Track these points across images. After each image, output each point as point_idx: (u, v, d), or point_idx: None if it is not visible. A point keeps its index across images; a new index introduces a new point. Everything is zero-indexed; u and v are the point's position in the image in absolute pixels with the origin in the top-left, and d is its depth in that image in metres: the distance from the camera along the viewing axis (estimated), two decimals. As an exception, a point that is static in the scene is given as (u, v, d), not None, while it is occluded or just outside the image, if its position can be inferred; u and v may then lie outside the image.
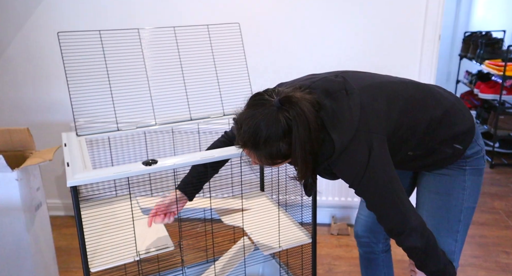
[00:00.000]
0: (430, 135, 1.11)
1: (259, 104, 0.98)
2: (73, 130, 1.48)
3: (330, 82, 1.07)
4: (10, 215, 1.42)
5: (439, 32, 2.06)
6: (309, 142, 0.97)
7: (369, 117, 1.04)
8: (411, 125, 1.09)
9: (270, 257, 1.75)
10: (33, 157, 1.48)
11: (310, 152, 0.99)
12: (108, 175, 1.11)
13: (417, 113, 1.10)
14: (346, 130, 1.01)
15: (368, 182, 1.02)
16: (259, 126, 0.96)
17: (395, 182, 1.03)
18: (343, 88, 1.05)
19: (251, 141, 0.97)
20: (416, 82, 1.17)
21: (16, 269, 1.48)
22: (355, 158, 1.02)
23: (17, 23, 2.15)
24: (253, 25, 2.11)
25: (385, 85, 1.12)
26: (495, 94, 3.23)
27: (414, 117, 1.09)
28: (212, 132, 2.13)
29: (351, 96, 1.04)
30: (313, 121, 0.97)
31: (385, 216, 1.06)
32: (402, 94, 1.11)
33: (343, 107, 1.03)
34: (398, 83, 1.14)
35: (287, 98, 0.96)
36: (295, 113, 0.95)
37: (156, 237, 1.33)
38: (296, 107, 0.95)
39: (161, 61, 2.06)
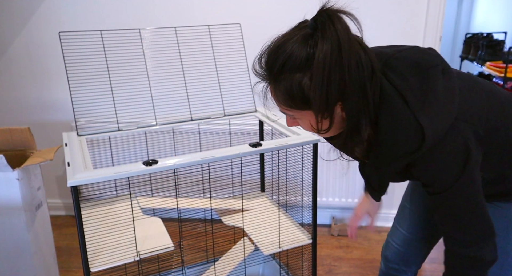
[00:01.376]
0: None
1: (297, 26, 0.81)
2: (74, 130, 1.48)
3: (423, 53, 0.82)
4: (10, 214, 1.42)
5: (440, 33, 2.06)
6: (340, 72, 0.72)
7: (469, 106, 0.82)
8: (502, 136, 0.87)
9: (270, 257, 1.75)
10: (34, 156, 1.49)
11: (339, 91, 0.73)
12: (108, 175, 1.11)
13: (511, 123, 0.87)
14: (443, 117, 0.77)
15: (462, 188, 0.81)
16: (282, 45, 0.78)
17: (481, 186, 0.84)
18: (439, 64, 0.81)
19: (270, 63, 0.80)
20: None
21: (16, 268, 1.48)
22: (452, 154, 0.79)
23: (19, 23, 2.16)
24: (254, 26, 2.11)
25: (481, 81, 0.91)
26: (496, 96, 3.23)
27: (507, 127, 0.87)
28: (212, 132, 2.13)
29: (448, 76, 0.81)
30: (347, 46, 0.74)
31: (468, 225, 0.85)
32: (500, 95, 0.89)
33: (437, 87, 0.78)
34: (494, 85, 0.94)
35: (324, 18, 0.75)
36: (327, 34, 0.74)
37: (156, 237, 1.33)
38: (330, 28, 0.74)
39: (162, 62, 2.06)
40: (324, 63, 0.72)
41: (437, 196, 0.84)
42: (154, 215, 1.70)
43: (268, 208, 1.60)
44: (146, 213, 1.58)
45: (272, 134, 1.70)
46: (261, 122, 1.74)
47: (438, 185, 0.82)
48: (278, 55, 0.78)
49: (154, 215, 1.70)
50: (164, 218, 1.49)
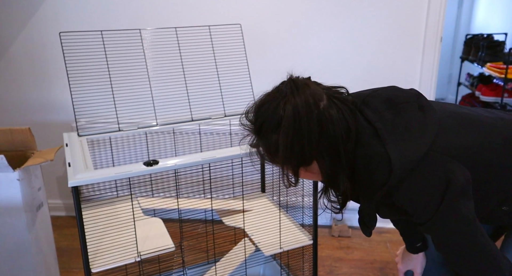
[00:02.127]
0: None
1: (276, 87, 0.87)
2: (74, 131, 1.48)
3: (398, 91, 0.86)
4: (11, 215, 1.42)
5: (441, 34, 2.06)
6: (297, 140, 0.78)
7: (450, 140, 0.81)
8: (510, 172, 0.84)
9: (271, 258, 1.75)
10: (34, 157, 1.48)
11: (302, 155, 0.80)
12: (109, 175, 1.11)
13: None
14: (413, 149, 0.78)
15: (444, 219, 0.79)
16: (261, 107, 0.84)
17: (477, 220, 0.81)
18: (415, 101, 0.84)
19: (252, 122, 0.85)
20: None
21: (17, 269, 1.48)
22: (427, 186, 0.79)
23: (20, 23, 2.16)
24: (255, 26, 2.11)
25: (478, 118, 0.88)
26: (497, 97, 3.23)
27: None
28: (213, 133, 2.13)
29: (426, 113, 0.82)
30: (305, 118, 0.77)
31: (468, 261, 0.82)
32: (500, 130, 0.86)
33: (410, 120, 0.81)
34: (494, 118, 0.89)
35: (293, 84, 0.82)
36: (294, 101, 0.79)
37: (157, 238, 1.33)
38: (297, 96, 0.79)
39: (162, 62, 2.06)
40: (287, 131, 0.78)
41: (422, 227, 0.83)
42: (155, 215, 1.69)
43: (268, 208, 1.60)
44: (147, 213, 1.58)
45: (273, 135, 1.69)
46: (261, 123, 1.74)
47: (418, 215, 0.82)
48: (258, 117, 0.84)
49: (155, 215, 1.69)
50: (164, 219, 1.49)
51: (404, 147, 0.79)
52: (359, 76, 2.15)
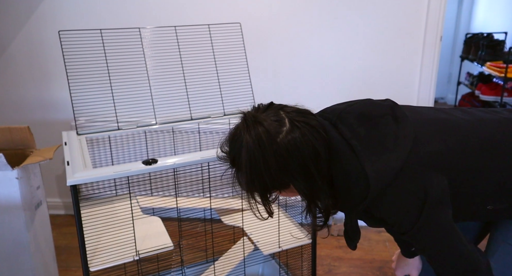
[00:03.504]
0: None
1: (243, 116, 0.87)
2: (73, 129, 1.48)
3: (372, 105, 0.87)
4: (10, 213, 1.42)
5: (441, 33, 2.06)
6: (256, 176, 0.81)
7: (426, 148, 0.82)
8: (490, 173, 0.86)
9: (269, 257, 1.75)
10: (33, 155, 1.48)
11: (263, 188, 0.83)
12: (108, 174, 1.11)
13: (498, 157, 0.86)
14: (389, 163, 0.80)
15: (424, 229, 0.81)
16: (231, 143, 0.86)
17: (455, 226, 0.84)
18: (389, 113, 0.85)
19: (227, 156, 0.89)
20: (498, 118, 0.91)
21: (15, 267, 1.48)
22: (405, 198, 0.81)
23: (19, 22, 2.16)
24: (255, 25, 2.11)
25: (455, 122, 0.88)
26: (496, 96, 3.23)
27: (493, 163, 0.86)
28: (212, 132, 2.13)
29: (401, 124, 0.83)
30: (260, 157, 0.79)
31: (448, 264, 0.85)
32: (477, 133, 0.87)
33: (386, 135, 0.82)
34: (472, 121, 0.89)
35: (245, 123, 0.83)
36: (246, 136, 0.81)
37: (156, 237, 1.33)
38: (248, 135, 0.80)
39: (162, 61, 2.06)
40: (245, 170, 0.82)
41: (403, 236, 0.85)
42: (154, 214, 1.69)
43: (267, 207, 1.60)
44: (146, 212, 1.58)
45: (272, 134, 1.69)
46: (261, 122, 1.73)
47: (398, 227, 0.84)
48: (230, 151, 0.86)
49: (154, 214, 1.69)
50: (163, 218, 1.49)
51: (380, 162, 0.80)
52: (358, 76, 2.14)
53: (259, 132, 0.80)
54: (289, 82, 2.18)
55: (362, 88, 2.16)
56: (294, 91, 2.18)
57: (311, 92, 2.18)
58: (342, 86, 2.16)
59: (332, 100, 2.18)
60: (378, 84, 2.15)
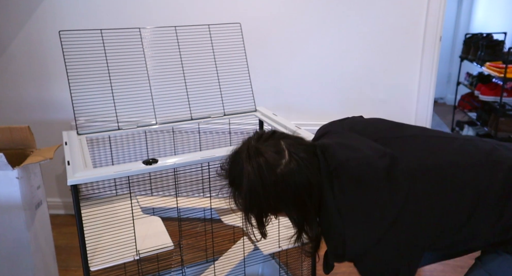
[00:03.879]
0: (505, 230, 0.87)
1: (245, 141, 0.92)
2: (74, 129, 1.48)
3: (368, 167, 0.85)
4: (10, 213, 1.42)
5: (440, 33, 2.06)
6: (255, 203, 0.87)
7: (414, 219, 0.83)
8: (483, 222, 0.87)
9: (269, 257, 1.75)
10: (33, 155, 1.48)
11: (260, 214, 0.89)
12: (108, 174, 1.11)
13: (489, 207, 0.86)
14: (369, 232, 0.83)
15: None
16: (231, 166, 0.92)
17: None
18: (383, 177, 0.83)
19: (227, 176, 0.94)
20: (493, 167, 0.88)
21: (15, 267, 1.48)
22: (377, 266, 0.85)
23: (19, 22, 2.16)
24: (255, 25, 2.11)
25: (452, 170, 0.87)
26: (496, 96, 3.23)
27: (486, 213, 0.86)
28: (212, 132, 2.13)
29: (394, 184, 0.83)
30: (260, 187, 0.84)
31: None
32: (473, 185, 0.86)
33: (375, 203, 0.83)
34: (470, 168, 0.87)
35: (247, 153, 0.86)
36: (247, 167, 0.85)
37: (156, 236, 1.33)
38: (249, 163, 0.85)
39: (162, 61, 2.06)
40: (245, 197, 0.87)
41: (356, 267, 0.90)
42: (154, 214, 1.70)
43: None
44: (146, 212, 1.58)
45: (272, 134, 1.70)
46: (261, 122, 1.74)
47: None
48: (229, 173, 0.92)
49: (154, 214, 1.70)
50: (163, 217, 1.49)
51: (361, 231, 0.84)
52: (358, 76, 2.15)
53: (260, 164, 0.85)
54: (289, 82, 2.18)
55: (362, 88, 2.16)
56: (294, 91, 2.19)
57: (311, 92, 2.18)
58: (342, 86, 2.17)
59: (332, 100, 2.18)
60: (378, 84, 2.15)
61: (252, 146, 0.87)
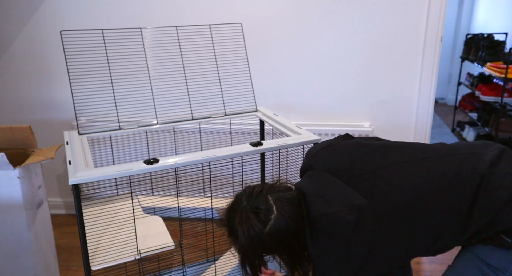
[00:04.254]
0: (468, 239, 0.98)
1: (237, 200, 1.03)
2: (75, 129, 1.49)
3: (338, 224, 0.94)
4: (11, 212, 1.42)
5: (441, 34, 2.06)
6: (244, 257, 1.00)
7: (383, 253, 0.96)
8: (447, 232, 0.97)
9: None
10: (35, 155, 1.49)
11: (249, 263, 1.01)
12: (109, 173, 1.11)
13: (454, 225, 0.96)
14: (342, 272, 0.96)
15: None
16: (228, 222, 1.02)
17: None
18: (352, 230, 0.93)
19: (227, 230, 1.04)
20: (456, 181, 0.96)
21: (16, 267, 1.48)
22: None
23: (20, 22, 2.16)
24: (255, 26, 2.11)
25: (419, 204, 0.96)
26: (497, 96, 3.23)
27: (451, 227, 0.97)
28: (213, 132, 2.13)
29: (362, 232, 0.93)
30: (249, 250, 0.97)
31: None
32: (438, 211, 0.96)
33: (345, 248, 0.94)
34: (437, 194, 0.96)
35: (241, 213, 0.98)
36: (240, 229, 0.97)
37: (157, 236, 1.33)
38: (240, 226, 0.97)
39: (163, 61, 2.07)
40: (239, 250, 1.00)
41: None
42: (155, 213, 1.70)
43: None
44: (147, 211, 1.59)
45: (273, 133, 1.70)
46: (261, 122, 1.74)
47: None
48: (228, 229, 1.03)
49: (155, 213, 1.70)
50: (164, 217, 1.49)
51: (337, 271, 0.97)
52: (359, 76, 2.15)
53: (251, 226, 0.96)
54: (289, 82, 2.18)
55: (363, 89, 2.16)
56: (295, 91, 2.19)
57: (312, 92, 2.18)
58: (343, 86, 2.17)
59: (333, 100, 2.18)
60: (378, 84, 2.15)
61: (244, 208, 0.98)
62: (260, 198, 0.99)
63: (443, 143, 1.09)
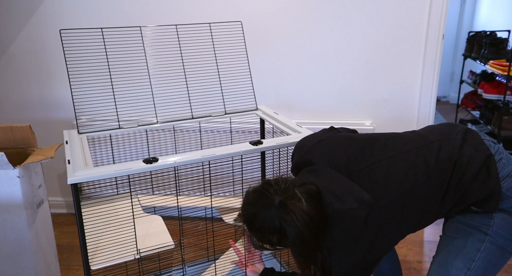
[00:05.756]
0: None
1: (263, 196, 1.01)
2: (74, 128, 1.48)
3: (350, 221, 1.01)
4: (11, 212, 1.42)
5: (443, 31, 2.05)
6: (302, 245, 0.99)
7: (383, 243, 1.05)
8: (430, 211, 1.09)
9: (271, 256, 1.75)
10: (35, 154, 1.49)
11: (305, 251, 1.01)
12: (109, 173, 1.11)
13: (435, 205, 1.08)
14: (351, 259, 1.03)
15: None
16: (255, 216, 1.01)
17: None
18: (361, 225, 1.00)
19: (247, 222, 1.03)
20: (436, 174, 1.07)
21: (17, 266, 1.48)
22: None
23: (20, 21, 2.16)
24: (256, 24, 2.10)
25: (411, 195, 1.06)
26: (499, 94, 3.21)
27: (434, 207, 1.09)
28: (213, 130, 2.13)
29: (369, 226, 1.01)
30: (306, 230, 0.98)
31: None
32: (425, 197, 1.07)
33: (354, 241, 1.02)
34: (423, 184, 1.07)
35: (285, 205, 0.98)
36: (288, 219, 0.97)
37: (157, 235, 1.33)
38: (289, 215, 0.97)
39: (163, 59, 2.06)
40: (293, 244, 1.00)
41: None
42: (155, 213, 1.70)
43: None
44: (147, 211, 1.58)
45: (273, 132, 1.70)
46: (262, 121, 1.74)
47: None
48: (253, 223, 1.02)
49: (155, 213, 1.70)
50: (164, 216, 1.49)
51: (344, 259, 1.03)
52: (360, 74, 2.14)
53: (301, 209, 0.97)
54: (290, 80, 2.17)
55: (364, 87, 2.15)
56: (295, 89, 2.18)
57: (313, 91, 2.18)
58: (344, 84, 2.16)
59: (333, 98, 2.17)
60: (380, 82, 2.14)
61: (284, 200, 0.98)
62: (289, 191, 1.00)
63: (415, 131, 1.18)
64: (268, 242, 1.03)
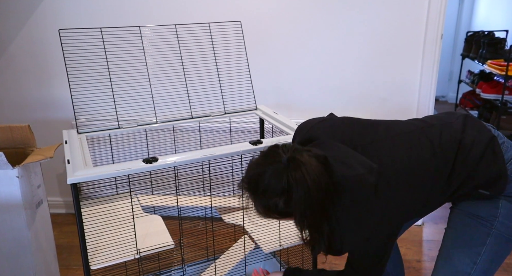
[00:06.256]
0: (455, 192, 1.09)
1: (270, 155, 0.97)
2: (74, 128, 1.48)
3: (360, 186, 0.99)
4: (10, 212, 1.42)
5: (441, 31, 2.05)
6: (309, 208, 0.94)
7: (393, 216, 1.03)
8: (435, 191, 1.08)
9: (270, 255, 1.75)
10: (34, 154, 1.48)
11: (311, 219, 0.97)
12: (108, 172, 1.11)
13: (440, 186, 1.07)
14: (359, 234, 1.01)
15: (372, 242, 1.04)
16: (262, 175, 0.95)
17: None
18: (372, 193, 0.99)
19: (252, 185, 0.98)
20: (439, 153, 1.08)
21: (16, 266, 1.48)
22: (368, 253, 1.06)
23: (19, 21, 2.15)
24: (255, 24, 2.10)
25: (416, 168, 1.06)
26: (497, 94, 3.22)
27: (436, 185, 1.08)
28: (213, 130, 2.13)
29: (379, 196, 1.00)
30: (315, 189, 0.93)
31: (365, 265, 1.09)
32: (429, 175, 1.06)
33: (365, 210, 1.00)
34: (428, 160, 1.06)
35: (294, 159, 0.94)
36: (297, 176, 0.92)
37: (157, 235, 1.33)
38: (299, 170, 0.93)
39: (162, 59, 2.06)
40: (300, 205, 0.94)
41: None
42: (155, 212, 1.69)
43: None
44: (146, 210, 1.58)
45: (273, 132, 1.70)
46: (261, 120, 1.74)
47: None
48: (258, 184, 0.96)
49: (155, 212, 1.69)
50: (164, 216, 1.49)
51: (355, 230, 1.01)
52: (359, 74, 2.14)
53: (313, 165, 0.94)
54: (289, 80, 2.17)
55: (363, 87, 2.16)
56: (295, 89, 2.18)
57: (312, 90, 2.18)
58: (343, 84, 2.16)
59: (333, 98, 2.18)
60: (379, 82, 2.15)
61: (292, 156, 0.95)
62: (298, 151, 0.96)
63: (415, 118, 1.18)
64: (274, 208, 0.96)
